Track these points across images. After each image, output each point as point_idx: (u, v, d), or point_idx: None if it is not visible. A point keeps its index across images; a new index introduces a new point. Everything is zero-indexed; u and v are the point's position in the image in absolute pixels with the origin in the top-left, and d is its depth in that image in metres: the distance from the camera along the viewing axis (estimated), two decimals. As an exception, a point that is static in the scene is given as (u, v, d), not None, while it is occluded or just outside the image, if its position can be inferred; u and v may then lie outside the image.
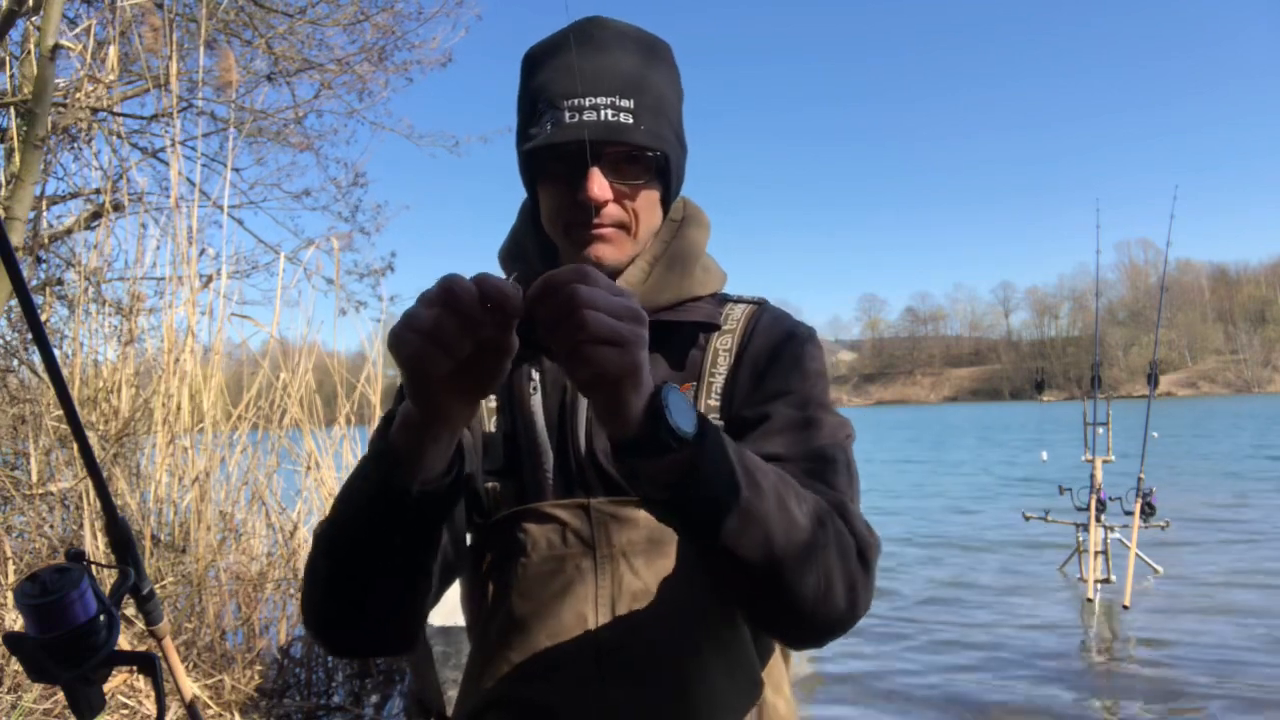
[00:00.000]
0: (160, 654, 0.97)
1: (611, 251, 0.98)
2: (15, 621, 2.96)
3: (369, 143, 14.71)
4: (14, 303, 3.98)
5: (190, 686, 1.14)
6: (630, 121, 0.93)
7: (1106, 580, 6.10)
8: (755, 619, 0.90)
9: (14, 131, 4.14)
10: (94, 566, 0.80)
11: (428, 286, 0.67)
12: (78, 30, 4.65)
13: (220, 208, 4.86)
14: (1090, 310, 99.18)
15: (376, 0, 6.48)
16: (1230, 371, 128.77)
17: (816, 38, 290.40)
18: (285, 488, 4.25)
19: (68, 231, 4.96)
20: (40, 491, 3.67)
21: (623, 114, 0.93)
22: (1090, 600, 5.86)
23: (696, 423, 0.72)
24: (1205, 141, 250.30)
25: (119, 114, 4.96)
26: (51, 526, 3.68)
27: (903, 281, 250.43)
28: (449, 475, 0.76)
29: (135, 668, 0.82)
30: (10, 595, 3.09)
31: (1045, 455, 9.24)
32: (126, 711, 3.07)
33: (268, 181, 6.58)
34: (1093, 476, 6.40)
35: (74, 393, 3.64)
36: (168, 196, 4.55)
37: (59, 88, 4.25)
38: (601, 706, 0.91)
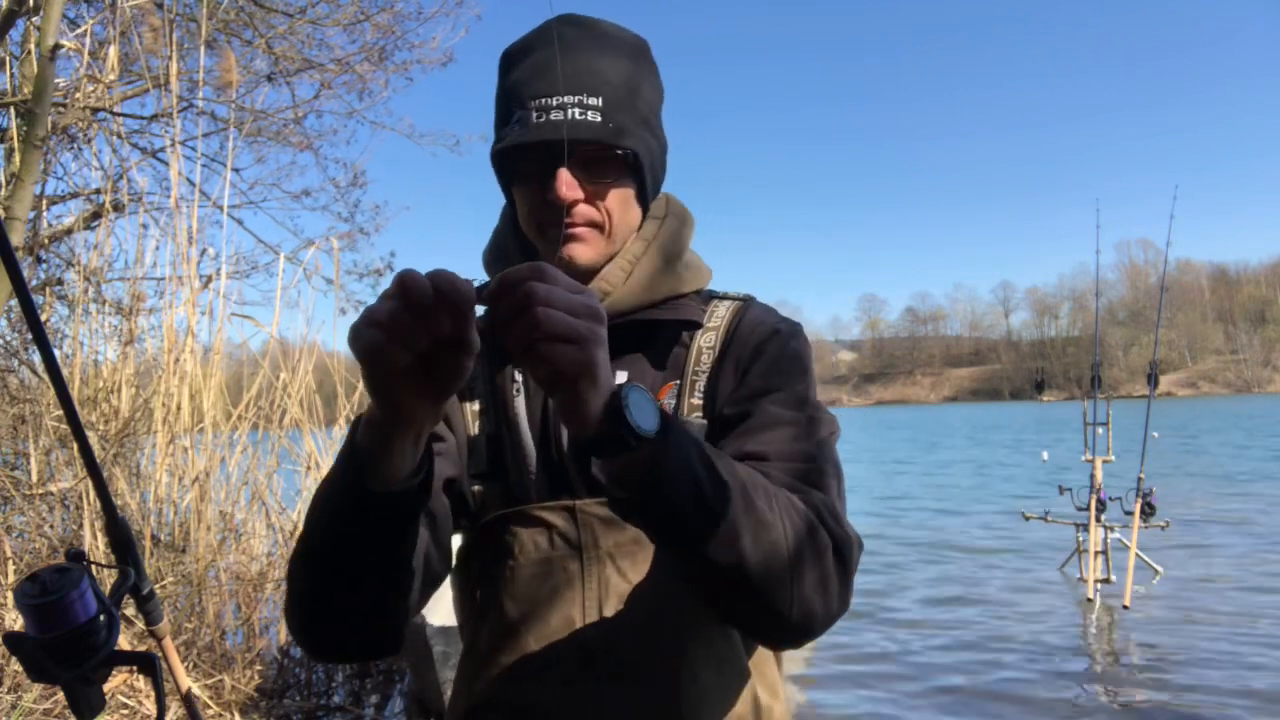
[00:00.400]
0: (160, 654, 0.97)
1: (585, 251, 0.97)
2: (15, 621, 2.96)
3: (369, 142, 14.74)
4: (14, 303, 3.98)
5: (189, 684, 1.14)
6: (598, 120, 0.92)
7: (1106, 580, 6.11)
8: (730, 619, 0.89)
9: (14, 131, 4.14)
10: (94, 566, 0.80)
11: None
12: (78, 30, 4.66)
13: (220, 208, 4.86)
14: (1090, 310, 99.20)
15: (376, 0, 6.49)
16: (1230, 371, 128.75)
17: (813, 37, 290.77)
18: (285, 488, 4.25)
19: (68, 231, 4.96)
20: (40, 491, 3.67)
21: (590, 112, 0.92)
22: (1090, 600, 5.86)
23: (659, 421, 0.71)
24: (1204, 141, 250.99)
25: (119, 114, 4.96)
26: (51, 526, 3.67)
27: (902, 281, 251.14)
28: (417, 476, 0.75)
29: (135, 668, 0.82)
30: (10, 595, 3.09)
31: (1046, 455, 9.22)
32: (126, 711, 3.07)
33: (268, 181, 6.60)
34: (1093, 476, 6.40)
35: (74, 393, 3.64)
36: (168, 196, 4.55)
37: (59, 88, 4.25)
38: (591, 707, 0.91)
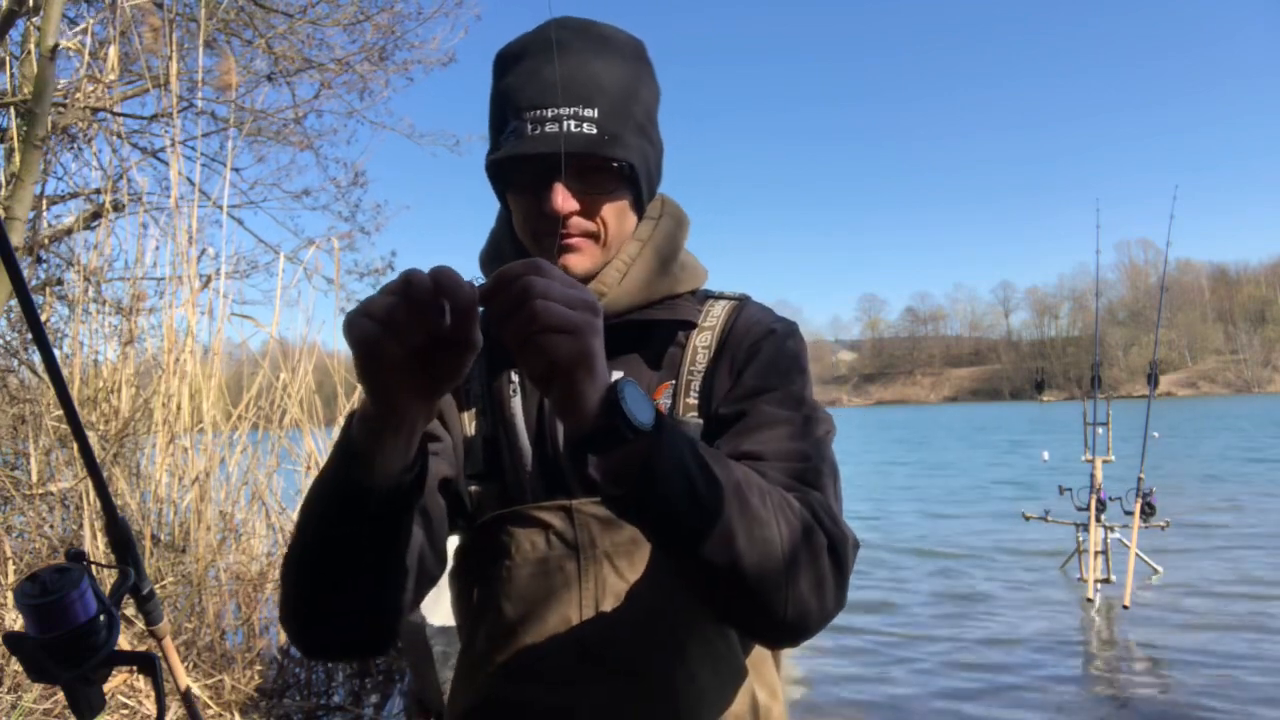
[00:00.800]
0: (160, 654, 0.97)
1: (581, 260, 0.97)
2: (15, 621, 2.96)
3: (369, 142, 14.76)
4: (14, 303, 3.98)
5: (189, 684, 1.14)
6: (594, 132, 0.92)
7: (1106, 580, 6.11)
8: (726, 618, 0.89)
9: (14, 131, 4.14)
10: (94, 566, 0.80)
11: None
12: (78, 30, 4.65)
13: (220, 208, 4.85)
14: (1090, 310, 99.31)
15: (376, 0, 6.49)
16: (1230, 371, 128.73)
17: (813, 37, 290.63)
18: (285, 488, 4.25)
19: (68, 231, 4.96)
20: (40, 491, 3.67)
21: (586, 124, 0.92)
22: (1090, 600, 5.87)
23: (654, 417, 0.71)
24: (1204, 141, 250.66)
25: (119, 114, 4.96)
26: (51, 526, 3.68)
27: (902, 281, 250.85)
28: (410, 472, 0.75)
29: (135, 668, 0.82)
30: (10, 595, 3.09)
31: (1046, 455, 9.20)
32: (126, 711, 3.07)
33: (268, 181, 6.61)
34: (1093, 476, 6.40)
35: (74, 393, 3.64)
36: (168, 196, 4.55)
37: (59, 88, 4.24)
38: (588, 706, 0.91)
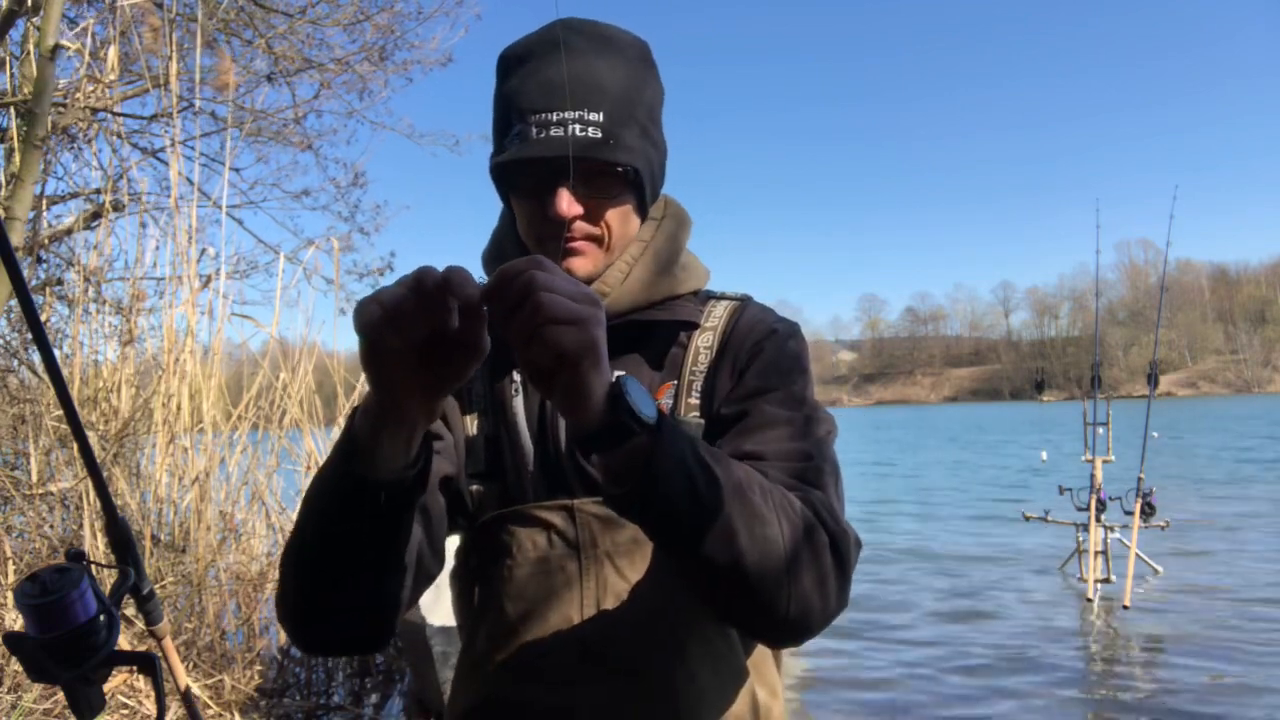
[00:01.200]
0: (160, 654, 0.97)
1: (584, 264, 0.97)
2: (15, 621, 2.96)
3: (369, 142, 14.76)
4: (14, 303, 3.98)
5: (189, 684, 1.14)
6: (599, 136, 0.92)
7: (1106, 580, 6.11)
8: (727, 618, 0.89)
9: (14, 131, 4.13)
10: (94, 566, 0.80)
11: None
12: (78, 30, 4.65)
13: (220, 207, 4.85)
14: (1090, 310, 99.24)
15: (376, 0, 6.49)
16: (1230, 371, 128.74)
17: (813, 37, 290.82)
18: (285, 488, 4.25)
19: (68, 231, 4.96)
20: (40, 491, 3.67)
21: (591, 129, 0.91)
22: (1090, 600, 5.86)
23: (656, 413, 0.72)
24: (1204, 141, 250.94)
25: (119, 114, 4.96)
26: (51, 526, 3.67)
27: (903, 281, 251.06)
28: (411, 470, 0.75)
29: (135, 668, 0.82)
30: (10, 595, 3.09)
31: (1045, 455, 9.22)
32: (126, 711, 3.07)
33: (267, 181, 6.61)
34: (1093, 476, 6.40)
35: (74, 393, 3.64)
36: (168, 196, 4.54)
37: (59, 88, 4.24)
38: (589, 706, 0.91)
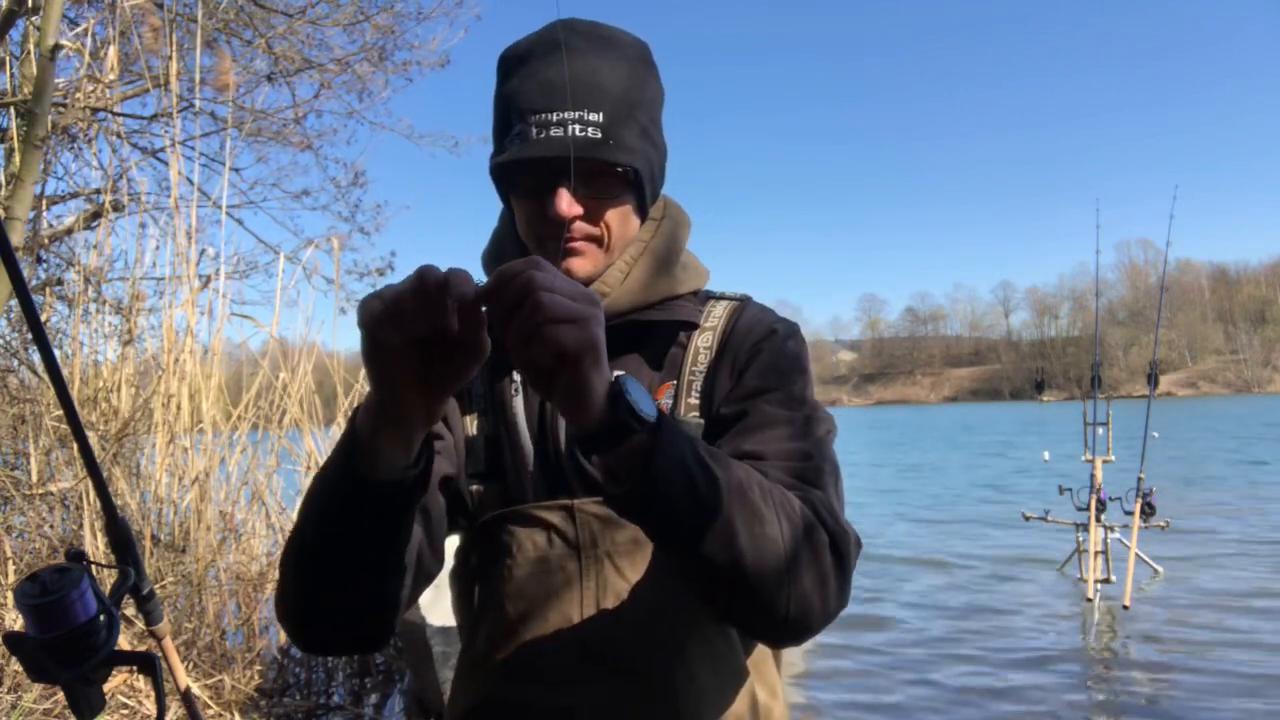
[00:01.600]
0: (160, 654, 0.97)
1: (584, 264, 0.98)
2: (15, 621, 2.96)
3: (369, 143, 14.74)
4: (14, 303, 3.98)
5: (189, 684, 1.14)
6: (599, 136, 0.92)
7: (1106, 580, 6.10)
8: (727, 617, 0.89)
9: (14, 131, 4.14)
10: (94, 566, 0.80)
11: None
12: (78, 30, 4.66)
13: (220, 208, 4.86)
14: (1090, 310, 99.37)
15: (376, 0, 6.50)
16: (1230, 371, 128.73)
17: (813, 37, 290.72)
18: (285, 488, 4.25)
19: (68, 231, 4.96)
20: (40, 491, 3.67)
21: (591, 129, 0.92)
22: (1090, 600, 5.86)
23: (656, 412, 0.72)
24: (1204, 141, 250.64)
25: (119, 114, 4.96)
26: (51, 526, 3.67)
27: (903, 281, 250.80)
28: (412, 470, 0.75)
29: (135, 668, 0.82)
30: (10, 595, 3.09)
31: (1047, 455, 9.19)
32: (126, 711, 3.07)
33: (267, 181, 6.62)
34: (1093, 476, 6.40)
35: (74, 393, 3.64)
36: (168, 196, 4.55)
37: (59, 88, 4.24)
38: (589, 706, 0.91)
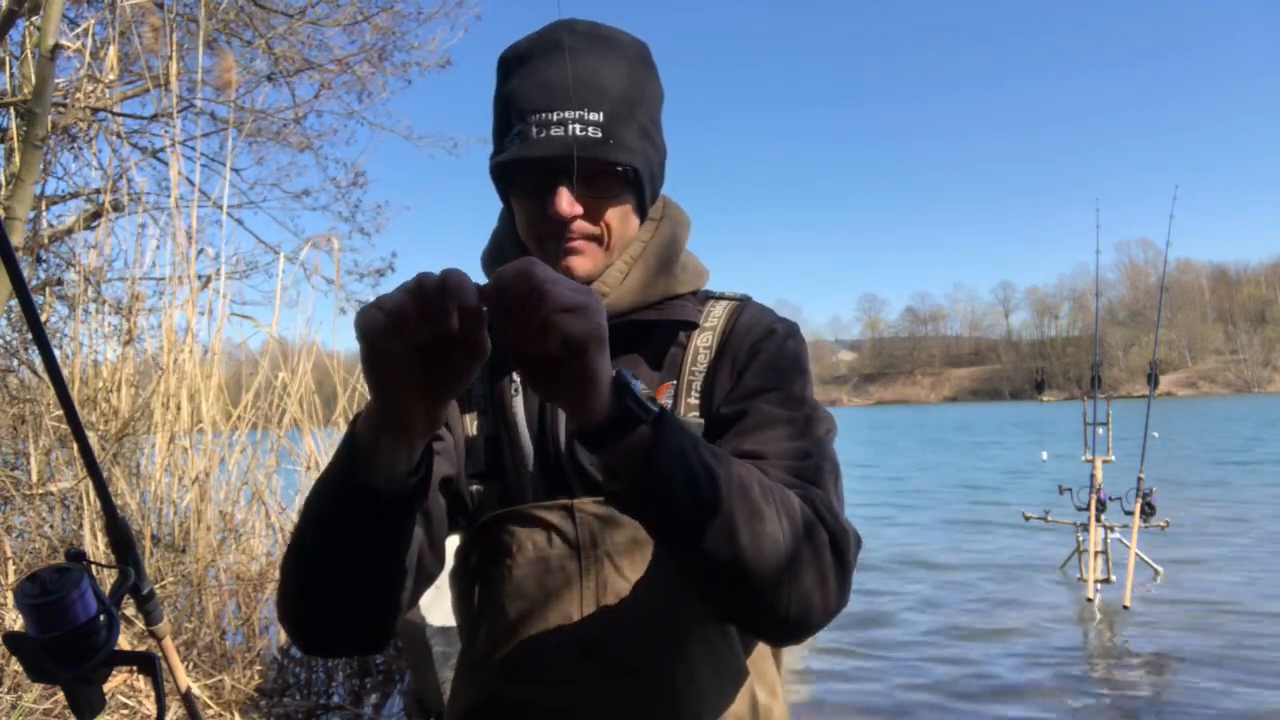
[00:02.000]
0: (160, 654, 0.97)
1: (584, 262, 0.98)
2: (15, 621, 2.96)
3: (369, 143, 14.76)
4: (14, 303, 3.98)
5: (189, 684, 1.14)
6: (599, 136, 0.92)
7: (1106, 580, 6.10)
8: (728, 615, 0.89)
9: (14, 131, 4.13)
10: (94, 566, 0.80)
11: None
12: (78, 30, 4.65)
13: (220, 208, 4.86)
14: (1090, 310, 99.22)
15: (376, 1, 6.50)
16: (1230, 371, 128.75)
17: (813, 38, 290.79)
18: (285, 488, 4.25)
19: (68, 231, 4.96)
20: (40, 491, 3.67)
21: (591, 128, 0.92)
22: (1090, 600, 5.86)
23: (658, 408, 0.73)
24: (1204, 141, 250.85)
25: (119, 114, 4.96)
26: (51, 526, 3.67)
27: (903, 281, 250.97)
28: (414, 475, 0.75)
29: (135, 668, 0.82)
30: (10, 595, 3.09)
31: (1045, 455, 9.21)
32: (126, 711, 3.07)
33: (267, 181, 6.62)
34: (1093, 476, 6.40)
35: (74, 393, 3.64)
36: (168, 196, 4.55)
37: (59, 88, 4.24)
38: (589, 706, 0.91)
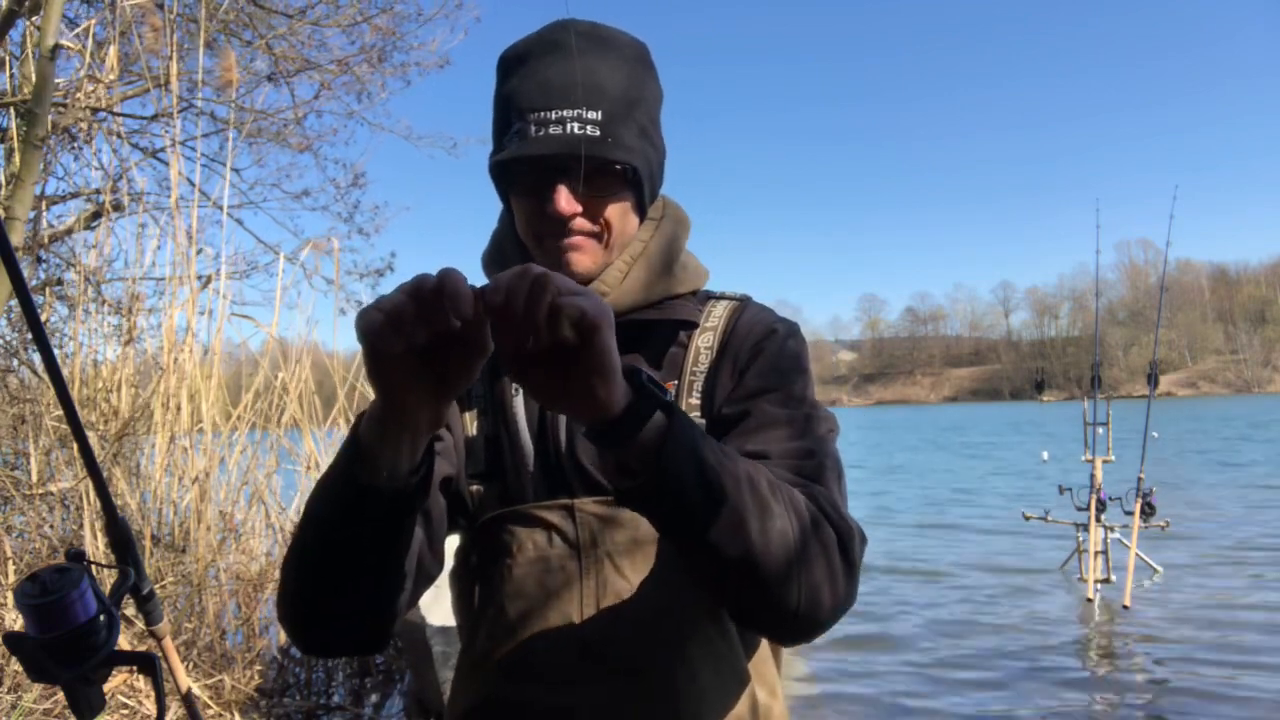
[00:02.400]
0: (160, 654, 0.97)
1: (584, 260, 0.98)
2: (15, 621, 2.96)
3: (368, 143, 14.77)
4: (14, 303, 3.98)
5: (189, 684, 1.14)
6: (597, 134, 0.92)
7: (1106, 580, 6.10)
8: (737, 614, 0.89)
9: (14, 131, 4.13)
10: (94, 566, 0.80)
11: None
12: (78, 30, 4.65)
13: (220, 208, 4.86)
14: (1090, 310, 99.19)
15: (376, 1, 6.50)
16: (1230, 371, 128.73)
17: (813, 38, 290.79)
18: (285, 488, 4.25)
19: (68, 231, 4.96)
20: (40, 491, 3.67)
21: (589, 126, 0.92)
22: (1090, 600, 5.86)
23: (669, 402, 0.74)
24: (1203, 141, 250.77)
25: (119, 114, 4.96)
26: (51, 526, 3.67)
27: (903, 281, 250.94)
28: (415, 475, 0.75)
29: (135, 668, 0.82)
30: (10, 595, 3.09)
31: (1046, 455, 9.20)
32: (126, 711, 3.07)
33: (267, 182, 6.62)
34: (1093, 476, 6.40)
35: (74, 393, 3.64)
36: (168, 196, 4.55)
37: (59, 88, 4.24)
38: (589, 706, 0.91)
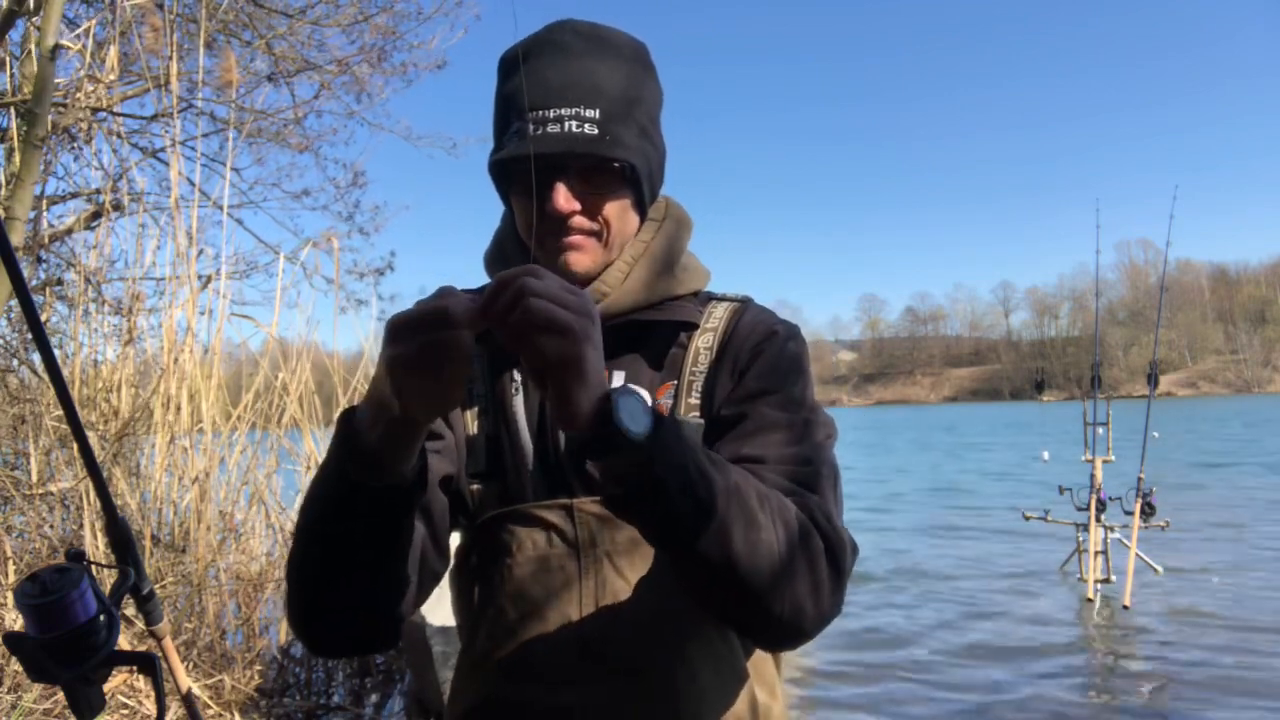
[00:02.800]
0: (160, 654, 0.97)
1: (583, 259, 0.97)
2: (15, 621, 2.96)
3: (368, 143, 14.76)
4: (14, 303, 3.98)
5: (189, 684, 1.14)
6: (595, 132, 0.92)
7: (1106, 580, 6.10)
8: (723, 619, 0.89)
9: (14, 131, 4.13)
10: (94, 566, 0.80)
11: (427, 285, 0.69)
12: (78, 30, 4.65)
13: (220, 208, 4.86)
14: (1090, 310, 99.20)
15: (376, 1, 6.49)
16: (1230, 371, 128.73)
17: (813, 38, 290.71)
18: (285, 488, 4.26)
19: (68, 231, 4.96)
20: (40, 491, 3.67)
21: (587, 125, 0.92)
22: (1090, 600, 5.86)
23: (650, 425, 0.71)
24: (1204, 141, 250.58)
25: (119, 114, 4.96)
26: (51, 526, 3.67)
27: (903, 281, 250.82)
28: (410, 467, 0.76)
29: (135, 668, 0.82)
30: (10, 595, 3.09)
31: (1046, 455, 9.18)
32: (126, 711, 3.07)
33: (267, 181, 6.60)
34: (1093, 476, 6.41)
35: (74, 393, 3.64)
36: (168, 196, 4.55)
37: (59, 88, 4.24)
38: (589, 706, 0.91)
